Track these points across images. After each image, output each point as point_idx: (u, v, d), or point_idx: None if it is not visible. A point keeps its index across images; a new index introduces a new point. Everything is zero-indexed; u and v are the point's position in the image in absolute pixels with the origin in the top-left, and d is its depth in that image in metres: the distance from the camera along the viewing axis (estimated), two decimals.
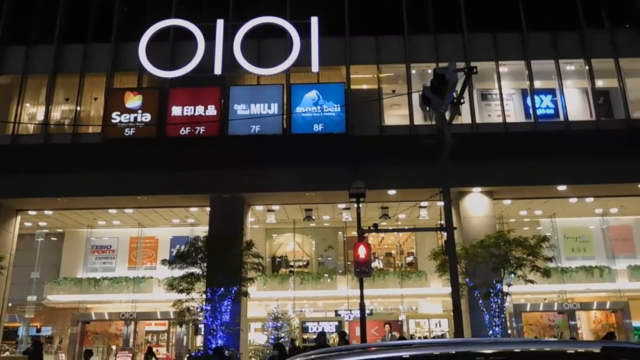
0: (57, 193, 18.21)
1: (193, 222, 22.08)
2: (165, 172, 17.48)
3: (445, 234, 11.52)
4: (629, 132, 18.36)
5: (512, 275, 16.10)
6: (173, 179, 17.56)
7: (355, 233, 14.26)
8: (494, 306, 16.34)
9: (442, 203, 11.72)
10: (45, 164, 17.89)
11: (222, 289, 16.09)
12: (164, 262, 16.90)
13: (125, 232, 23.28)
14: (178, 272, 16.34)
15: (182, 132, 18.15)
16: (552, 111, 19.42)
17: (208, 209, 18.90)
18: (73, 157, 18.09)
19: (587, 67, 19.59)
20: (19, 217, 20.01)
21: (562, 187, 18.53)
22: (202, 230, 18.81)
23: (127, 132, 18.35)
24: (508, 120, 19.10)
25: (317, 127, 18.22)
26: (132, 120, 18.51)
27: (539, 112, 19.26)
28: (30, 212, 20.38)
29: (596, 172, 17.53)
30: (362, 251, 12.15)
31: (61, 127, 19.77)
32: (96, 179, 17.59)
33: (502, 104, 19.22)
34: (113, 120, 18.54)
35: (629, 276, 21.71)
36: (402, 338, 12.84)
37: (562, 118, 19.15)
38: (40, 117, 19.85)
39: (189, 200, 19.42)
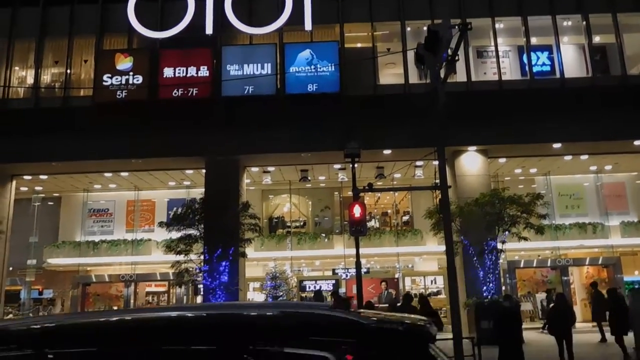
0: (50, 157, 18.14)
1: (189, 184, 22.11)
2: (159, 135, 17.36)
3: (440, 192, 11.59)
4: (624, 88, 18.23)
5: (506, 232, 16.33)
6: (167, 142, 17.48)
7: (351, 193, 14.31)
8: (488, 263, 16.64)
9: (437, 162, 11.76)
10: (37, 129, 17.72)
11: (220, 249, 16.30)
12: (161, 224, 17.04)
13: (122, 196, 23.33)
14: (176, 234, 16.51)
15: (175, 93, 17.94)
16: (548, 68, 19.22)
17: (203, 171, 18.91)
18: (65, 121, 17.89)
19: (584, 23, 19.29)
20: (14, 182, 20.01)
21: (557, 145, 18.56)
22: (198, 192, 18.90)
23: (119, 95, 18.12)
24: (504, 77, 18.92)
25: (312, 87, 18.03)
26: (123, 82, 18.25)
27: (535, 69, 19.06)
28: (26, 177, 20.36)
29: (591, 129, 17.54)
30: (357, 210, 12.25)
31: (51, 90, 19.52)
32: (89, 143, 17.49)
33: (497, 62, 19.00)
34: (104, 83, 18.28)
35: (622, 232, 22.02)
36: (408, 295, 13.03)
37: (558, 75, 18.98)
38: (30, 80, 19.58)
39: (184, 163, 19.40)
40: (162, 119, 17.34)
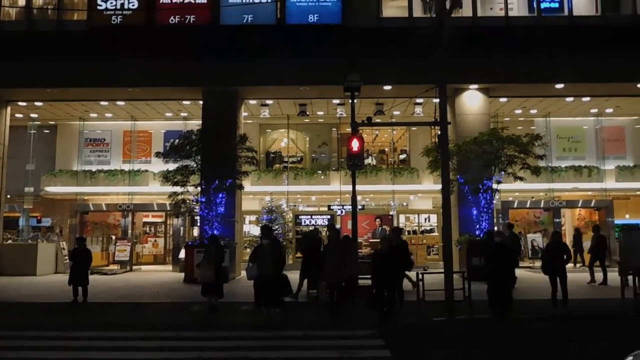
0: (45, 83, 17.82)
1: (186, 115, 21.92)
2: (156, 64, 17.01)
3: (439, 130, 11.53)
4: (634, 28, 17.79)
5: (503, 172, 16.40)
6: (164, 71, 17.14)
7: (349, 130, 14.22)
8: (482, 202, 16.83)
9: (437, 100, 11.63)
10: (31, 53, 17.30)
11: (217, 181, 16.39)
12: (158, 154, 17.05)
13: (119, 126, 23.16)
14: (172, 166, 16.54)
15: (172, 20, 17.44)
16: (556, 5, 18.68)
17: (201, 102, 18.70)
18: (59, 47, 17.43)
19: None
20: (9, 108, 19.80)
21: (559, 85, 18.35)
22: (195, 124, 18.74)
23: (114, 20, 17.61)
24: (510, 13, 18.40)
25: (312, 18, 17.54)
26: (118, 6, 17.69)
27: (543, 5, 18.53)
28: (20, 103, 20.10)
29: (596, 70, 17.27)
30: (355, 144, 12.22)
31: (44, 12, 18.85)
32: (84, 69, 17.12)
33: None
34: (99, 7, 17.72)
35: (616, 176, 22.18)
36: (397, 229, 13.30)
37: (566, 12, 18.47)
38: (21, 1, 18.94)
39: (181, 93, 19.13)
40: (160, 46, 16.91)
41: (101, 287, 14.58)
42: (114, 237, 21.62)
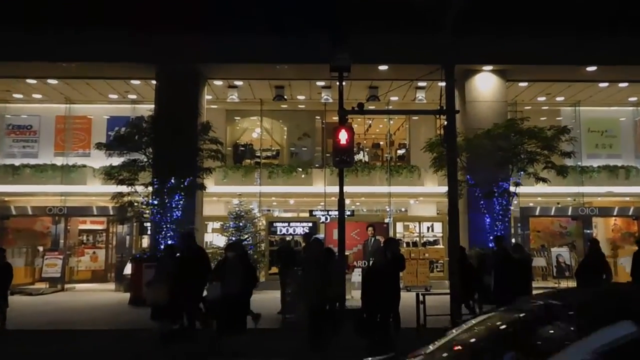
0: None
1: (135, 98, 21.88)
2: (97, 34, 16.97)
3: (445, 120, 11.66)
4: None
5: (522, 172, 16.61)
6: (107, 42, 17.10)
7: (336, 118, 14.28)
8: (497, 208, 17.03)
9: (444, 83, 11.76)
10: None
11: (173, 180, 16.37)
12: (99, 145, 16.97)
13: (50, 109, 22.97)
14: (117, 160, 16.51)
15: None
16: None
17: (154, 82, 18.68)
18: None
19: None
20: None
21: (591, 68, 18.64)
22: (146, 109, 18.73)
23: None
24: None
25: None
26: None
27: None
28: None
29: (636, 50, 17.55)
30: (343, 136, 12.23)
31: None
32: (5, 39, 16.99)
33: None
34: None
35: None
36: (392, 240, 13.48)
37: None
38: None
39: (130, 71, 19.08)
40: (102, 12, 16.86)
41: (24, 311, 14.50)
42: (41, 249, 21.45)
